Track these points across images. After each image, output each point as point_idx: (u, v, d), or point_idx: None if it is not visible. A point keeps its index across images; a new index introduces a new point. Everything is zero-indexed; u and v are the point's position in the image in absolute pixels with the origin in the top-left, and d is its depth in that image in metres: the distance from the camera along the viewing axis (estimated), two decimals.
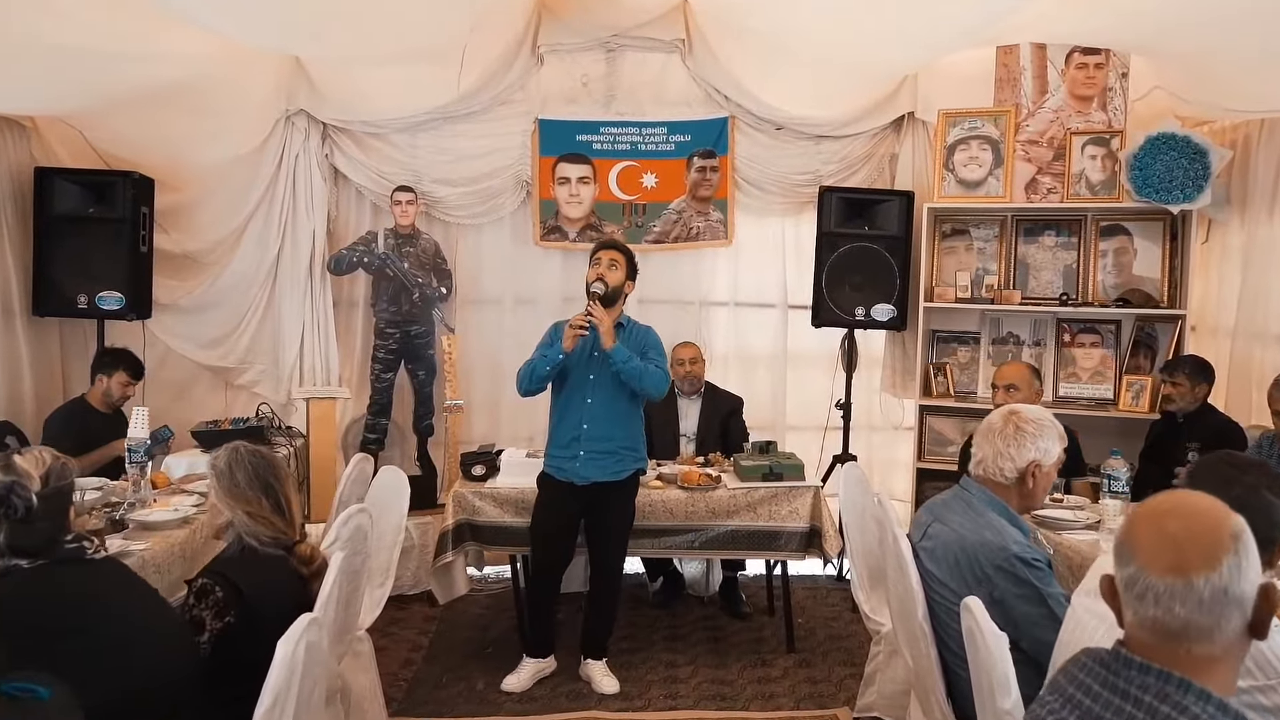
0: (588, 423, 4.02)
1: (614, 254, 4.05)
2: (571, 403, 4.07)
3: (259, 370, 5.73)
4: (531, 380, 4.02)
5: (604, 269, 4.00)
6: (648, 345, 4.11)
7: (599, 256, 4.06)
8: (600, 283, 3.96)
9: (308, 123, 5.57)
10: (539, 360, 4.02)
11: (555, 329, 4.14)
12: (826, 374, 5.87)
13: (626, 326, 4.12)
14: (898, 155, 5.80)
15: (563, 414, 4.10)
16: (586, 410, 4.03)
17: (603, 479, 4.03)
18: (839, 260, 5.43)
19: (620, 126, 5.77)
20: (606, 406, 4.03)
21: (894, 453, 5.99)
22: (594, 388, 4.03)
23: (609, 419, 4.04)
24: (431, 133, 5.70)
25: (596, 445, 4.02)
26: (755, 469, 4.51)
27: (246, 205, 5.55)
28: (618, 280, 4.02)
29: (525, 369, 4.04)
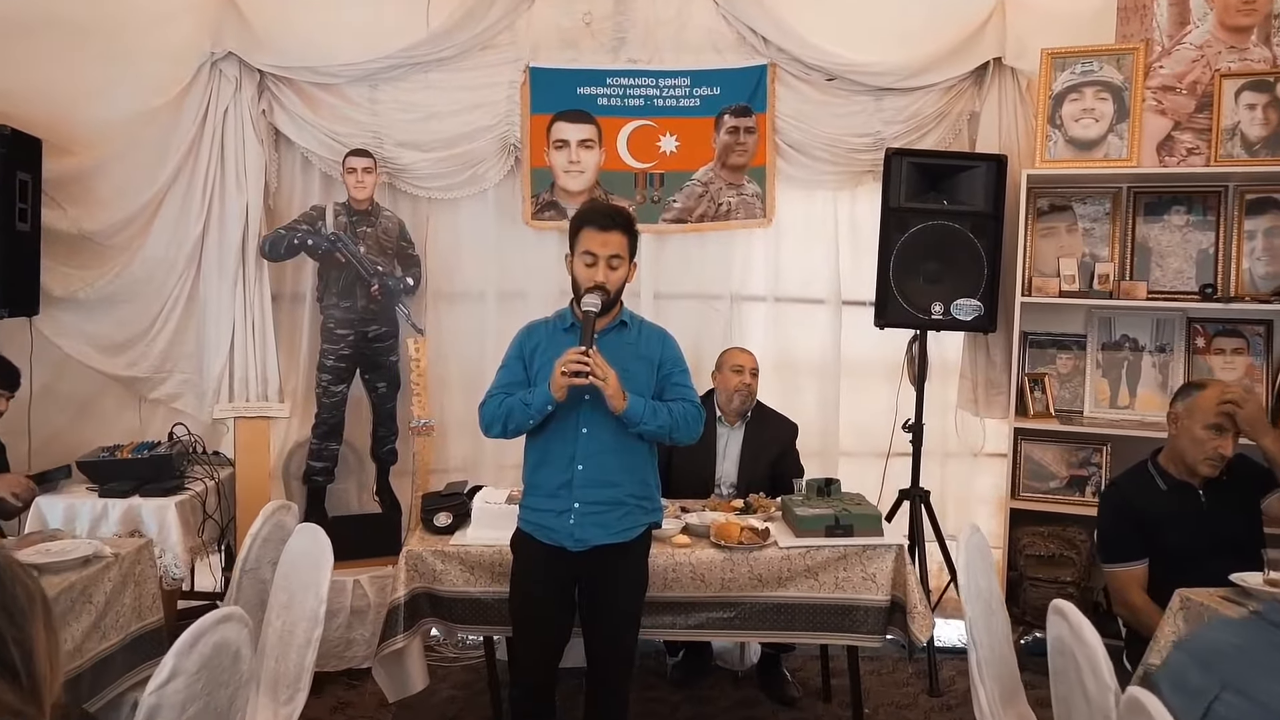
0: (583, 462, 2.85)
1: (614, 239, 2.83)
2: (560, 434, 2.87)
3: (180, 381, 4.60)
4: (507, 429, 2.90)
5: (602, 269, 2.82)
6: (666, 362, 2.97)
7: (589, 244, 2.83)
8: (597, 294, 2.80)
9: (239, 70, 4.44)
10: (517, 407, 2.85)
11: (527, 339, 3.00)
12: (888, 387, 4.69)
13: (631, 327, 2.98)
14: (979, 113, 4.63)
15: (547, 450, 2.90)
16: (581, 444, 2.85)
17: (605, 541, 2.87)
18: (911, 243, 4.24)
19: (632, 77, 4.63)
20: (609, 438, 2.86)
21: (973, 486, 4.82)
22: (591, 412, 2.85)
23: (613, 455, 2.87)
24: (396, 84, 4.58)
25: (596, 493, 2.85)
26: (816, 520, 3.34)
27: (161, 174, 4.43)
28: (619, 280, 2.89)
29: (497, 410, 2.89)
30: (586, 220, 2.85)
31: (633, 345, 2.92)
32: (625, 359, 2.85)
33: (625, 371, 2.81)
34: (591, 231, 2.82)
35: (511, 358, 2.98)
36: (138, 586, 2.95)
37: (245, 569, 2.95)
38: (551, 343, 2.90)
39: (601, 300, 2.79)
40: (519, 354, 2.97)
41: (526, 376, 2.93)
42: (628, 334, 2.95)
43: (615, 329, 2.92)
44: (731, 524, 3.32)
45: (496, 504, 3.38)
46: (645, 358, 2.92)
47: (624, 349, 2.89)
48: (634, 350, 2.91)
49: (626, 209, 2.94)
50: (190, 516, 3.94)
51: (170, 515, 3.76)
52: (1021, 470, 4.33)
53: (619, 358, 2.82)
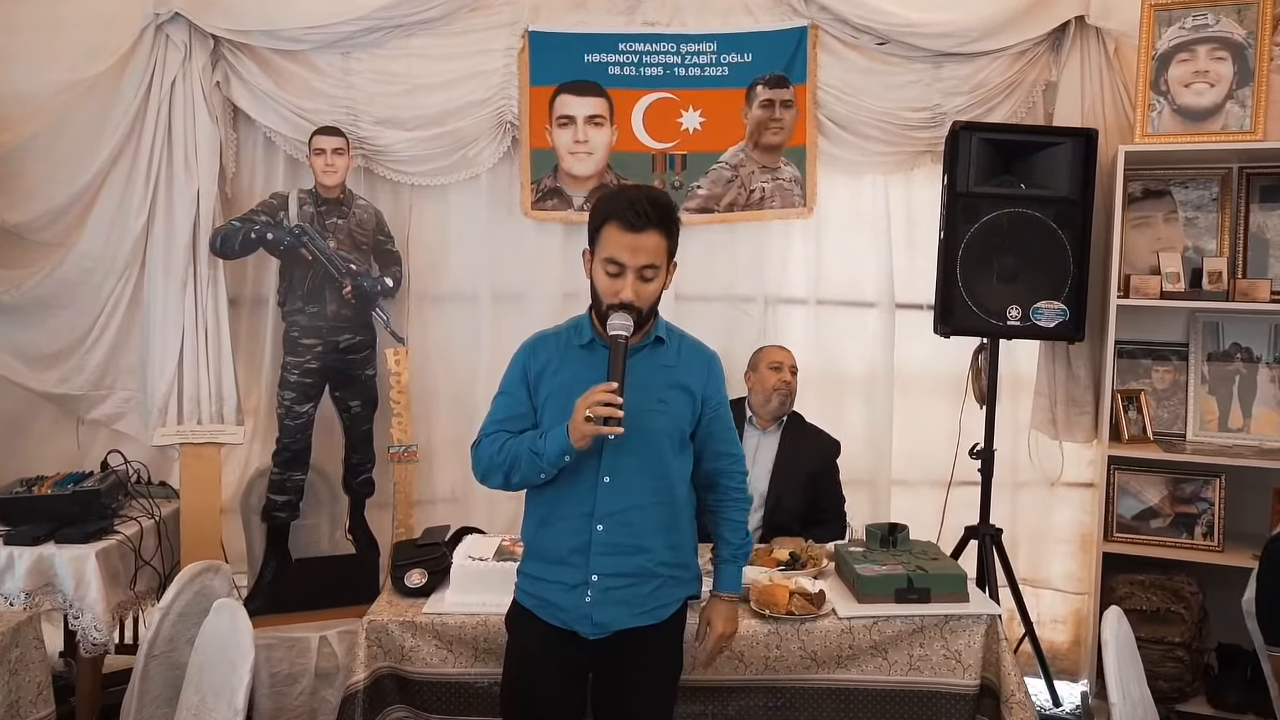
0: (605, 521, 2.18)
1: (648, 244, 2.10)
2: (574, 484, 2.20)
3: (121, 399, 3.96)
4: (510, 480, 2.22)
5: (630, 284, 2.10)
6: (712, 396, 2.31)
7: (614, 248, 2.10)
8: (626, 313, 2.10)
9: (188, 34, 3.80)
10: (525, 457, 2.16)
11: (532, 358, 2.29)
12: (949, 405, 4.00)
13: (669, 344, 2.29)
14: (1056, 83, 3.93)
15: (556, 505, 2.23)
16: (602, 497, 2.19)
17: (630, 624, 2.21)
18: (982, 235, 3.55)
19: (649, 42, 3.96)
20: (639, 490, 2.20)
21: (1049, 521, 4.12)
22: (616, 456, 2.17)
23: (644, 512, 2.20)
24: (372, 51, 3.93)
25: (620, 563, 2.19)
26: (883, 582, 2.65)
27: (97, 157, 3.79)
28: (654, 294, 2.17)
29: (496, 456, 2.21)
30: (612, 214, 2.11)
31: (670, 370, 2.26)
32: (659, 387, 2.22)
33: (659, 404, 2.20)
34: (618, 232, 2.09)
35: (512, 382, 2.30)
36: (13, 676, 2.29)
37: (153, 653, 2.28)
38: (565, 362, 2.24)
39: (634, 319, 2.12)
40: (522, 376, 2.28)
41: (532, 406, 2.26)
42: (664, 354, 2.27)
43: (648, 347, 2.25)
44: (778, 586, 2.63)
45: (482, 561, 2.70)
46: (684, 387, 2.25)
47: (658, 374, 2.23)
48: (670, 376, 2.25)
49: (664, 194, 2.20)
50: (119, 565, 3.27)
51: (90, 567, 3.09)
52: (1116, 505, 3.62)
53: (651, 385, 2.20)
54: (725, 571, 2.38)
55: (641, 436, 2.14)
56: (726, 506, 2.37)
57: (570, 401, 2.10)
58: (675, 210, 2.18)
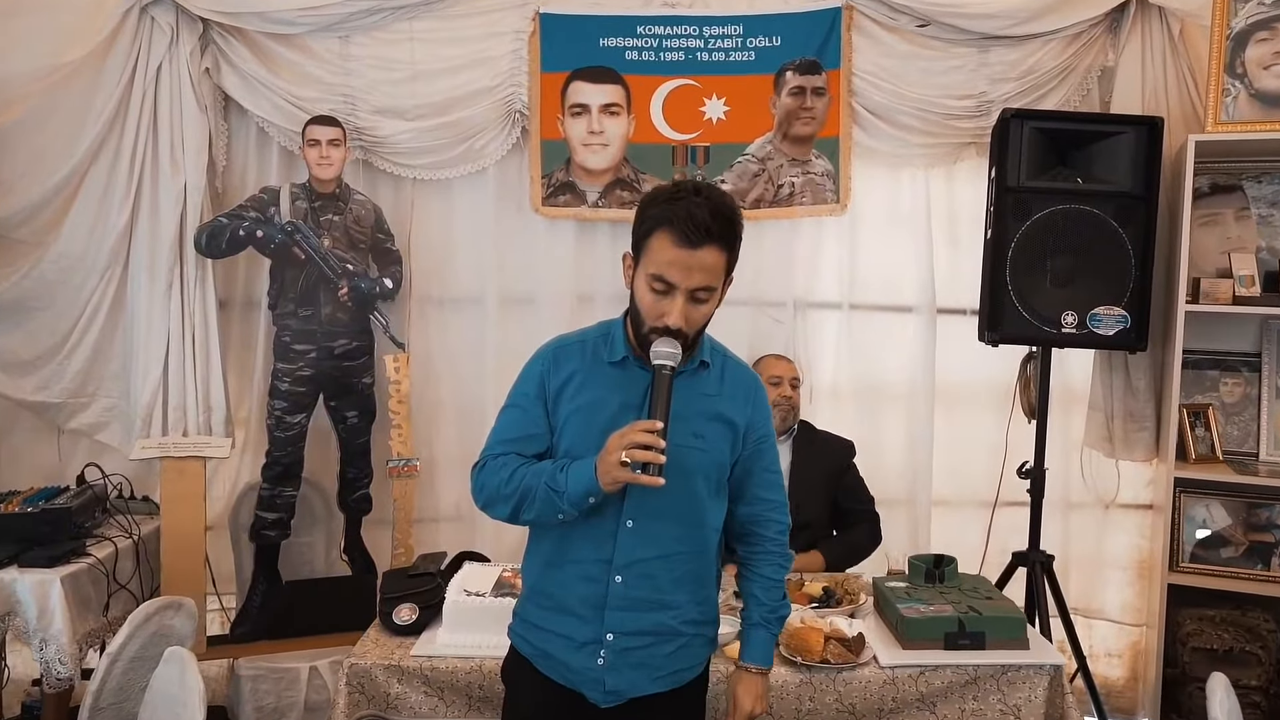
0: (625, 572, 1.88)
1: (706, 261, 1.76)
2: (591, 527, 1.89)
3: (103, 408, 3.71)
4: (519, 515, 1.90)
5: (679, 307, 1.77)
6: (756, 428, 2.00)
7: (666, 265, 1.77)
8: (673, 340, 1.78)
9: (175, 17, 3.55)
10: (541, 492, 1.84)
11: (553, 368, 1.95)
12: (994, 418, 3.69)
13: (712, 368, 1.97)
14: (1114, 68, 3.60)
15: (567, 548, 1.92)
16: (623, 544, 1.89)
17: (649, 690, 1.91)
18: (1035, 233, 3.24)
19: (670, 24, 3.67)
20: (665, 536, 1.90)
21: (1103, 546, 3.78)
22: (642, 499, 1.87)
23: (669, 563, 1.91)
24: (372, 35, 3.66)
25: (640, 620, 1.89)
26: (931, 625, 2.34)
27: (77, 149, 3.53)
28: (704, 319, 1.85)
29: (505, 484, 1.89)
30: (664, 223, 1.76)
31: (710, 399, 1.94)
32: (696, 418, 1.90)
33: (695, 440, 1.90)
34: (670, 245, 1.75)
35: (526, 396, 1.96)
36: None
37: (99, 704, 2.01)
38: (591, 379, 1.91)
39: (681, 347, 1.80)
40: (539, 390, 1.94)
41: (549, 426, 1.93)
42: (705, 380, 1.95)
43: (689, 373, 1.91)
44: (811, 630, 2.32)
45: (479, 596, 2.41)
46: (725, 419, 1.94)
47: (698, 402, 1.92)
48: (710, 406, 1.93)
49: (728, 200, 1.81)
50: (90, 590, 3.02)
51: (55, 593, 2.83)
52: (1182, 532, 3.28)
53: (688, 416, 1.88)
54: (756, 639, 2.04)
55: (674, 476, 1.79)
56: (762, 562, 2.04)
57: (594, 425, 1.83)
58: (739, 219, 1.81)
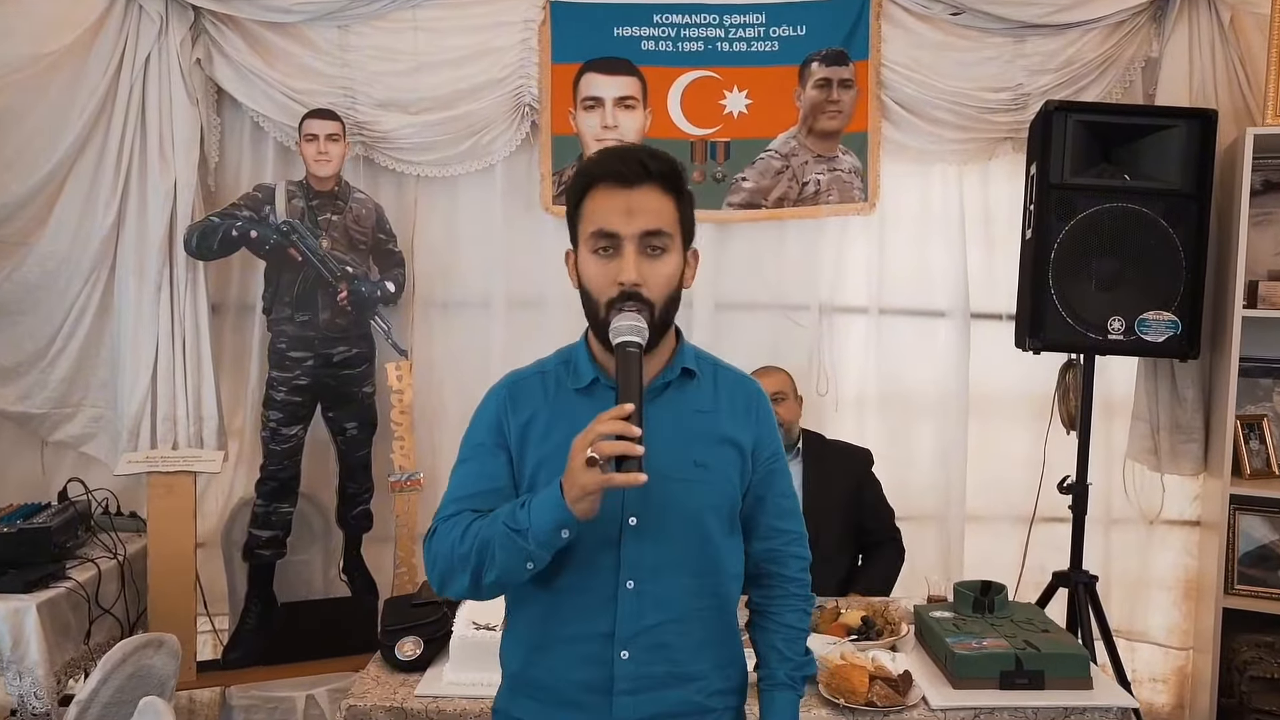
0: (632, 643, 1.54)
1: (648, 202, 1.49)
2: (583, 590, 1.55)
3: (89, 419, 3.53)
4: (481, 581, 1.50)
5: (632, 261, 1.48)
6: (764, 446, 1.65)
7: (603, 215, 1.49)
8: (637, 310, 1.48)
9: (165, 5, 3.37)
10: (499, 538, 1.46)
11: (509, 407, 1.60)
12: (1031, 430, 3.49)
13: (701, 378, 1.63)
14: (1158, 59, 3.42)
15: (556, 620, 1.57)
16: (626, 607, 1.54)
17: None
18: (1079, 234, 3.05)
19: (688, 13, 3.48)
20: (679, 591, 1.56)
21: (1148, 565, 3.58)
22: (641, 546, 1.54)
23: (686, 625, 1.57)
24: (373, 24, 3.48)
25: (658, 701, 1.56)
26: (984, 662, 2.14)
27: (60, 144, 3.35)
28: (668, 280, 1.53)
29: (458, 546, 1.50)
30: (594, 174, 1.52)
31: (708, 415, 1.60)
32: (697, 443, 1.58)
33: (697, 470, 1.56)
34: (605, 194, 1.50)
35: (482, 445, 1.60)
36: None
37: None
38: (560, 415, 1.55)
39: (647, 321, 1.47)
40: (497, 437, 1.59)
41: (513, 479, 1.58)
42: (696, 394, 1.61)
43: (674, 384, 1.59)
44: (854, 668, 2.11)
45: (489, 630, 2.20)
46: (729, 440, 1.60)
47: (693, 423, 1.58)
48: (709, 425, 1.59)
49: (667, 154, 1.55)
50: (70, 617, 2.82)
51: (30, 621, 2.63)
52: (1237, 551, 3.08)
53: (686, 439, 1.56)
54: (780, 703, 1.67)
55: (677, 518, 1.53)
56: (783, 607, 1.70)
57: None
58: (680, 171, 1.55)
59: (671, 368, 1.59)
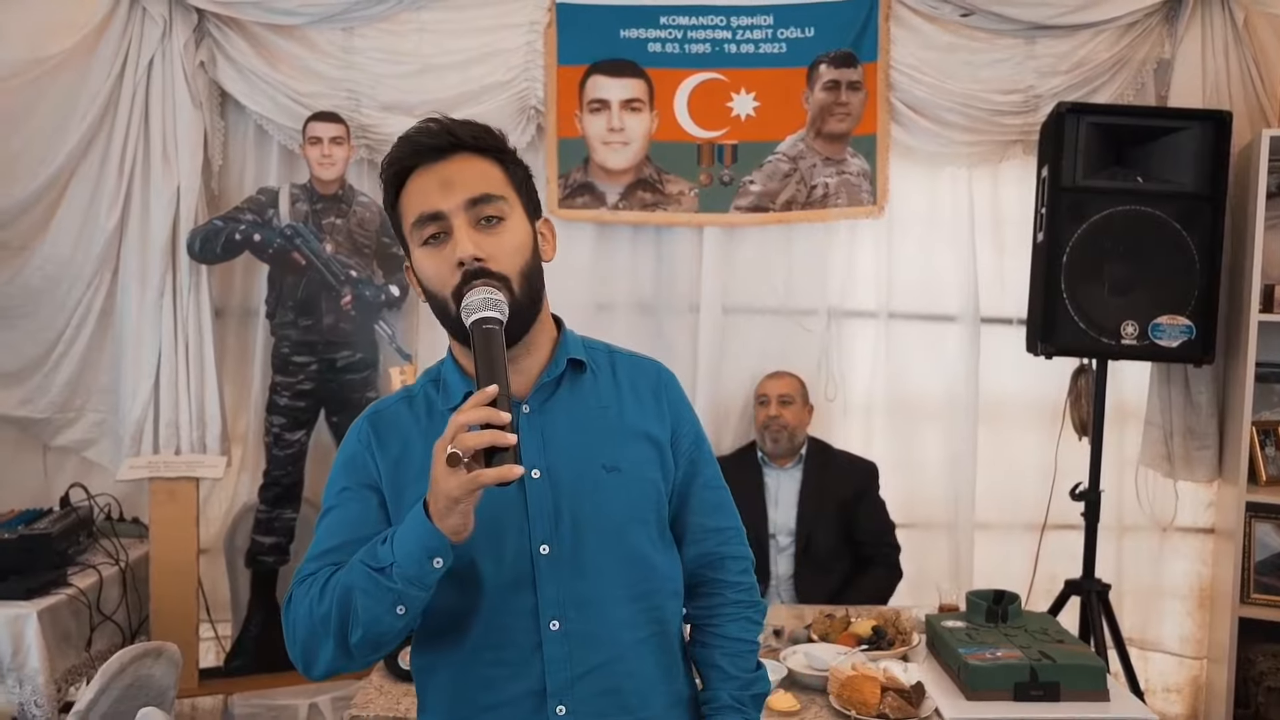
0: (568, 695, 1.31)
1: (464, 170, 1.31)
2: (500, 642, 1.32)
3: (92, 423, 3.51)
4: (347, 642, 1.23)
5: (465, 234, 1.28)
6: (683, 434, 1.45)
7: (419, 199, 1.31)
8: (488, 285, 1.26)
9: (168, 7, 3.34)
10: (359, 584, 1.21)
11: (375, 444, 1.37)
12: (1042, 436, 3.46)
13: (596, 372, 1.42)
14: (1171, 60, 3.37)
15: (475, 686, 1.34)
16: (554, 653, 1.32)
17: None
18: (1091, 237, 3.02)
19: (695, 14, 3.44)
20: (613, 623, 1.35)
21: (1161, 573, 3.53)
22: (560, 577, 1.32)
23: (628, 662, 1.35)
24: (378, 26, 3.44)
25: None
26: (999, 674, 2.10)
27: (63, 147, 3.33)
28: (516, 249, 1.32)
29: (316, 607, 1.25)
30: (399, 159, 1.33)
31: (609, 411, 1.39)
32: (605, 444, 1.37)
33: (610, 474, 1.36)
34: (418, 175, 1.32)
35: (346, 490, 1.36)
36: None
37: None
38: (432, 442, 1.21)
39: (506, 297, 1.28)
40: (363, 477, 1.36)
41: (387, 523, 1.32)
42: (590, 386, 1.41)
43: (565, 380, 1.39)
44: (865, 679, 2.07)
45: None
46: (642, 434, 1.39)
47: (595, 421, 1.38)
48: (615, 421, 1.38)
49: (481, 123, 1.38)
50: (71, 624, 2.80)
51: (30, 629, 2.61)
52: (1253, 558, 3.04)
53: (590, 441, 1.37)
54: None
55: (595, 536, 1.33)
56: (723, 618, 1.47)
57: None
58: (502, 136, 1.38)
59: (556, 361, 1.38)
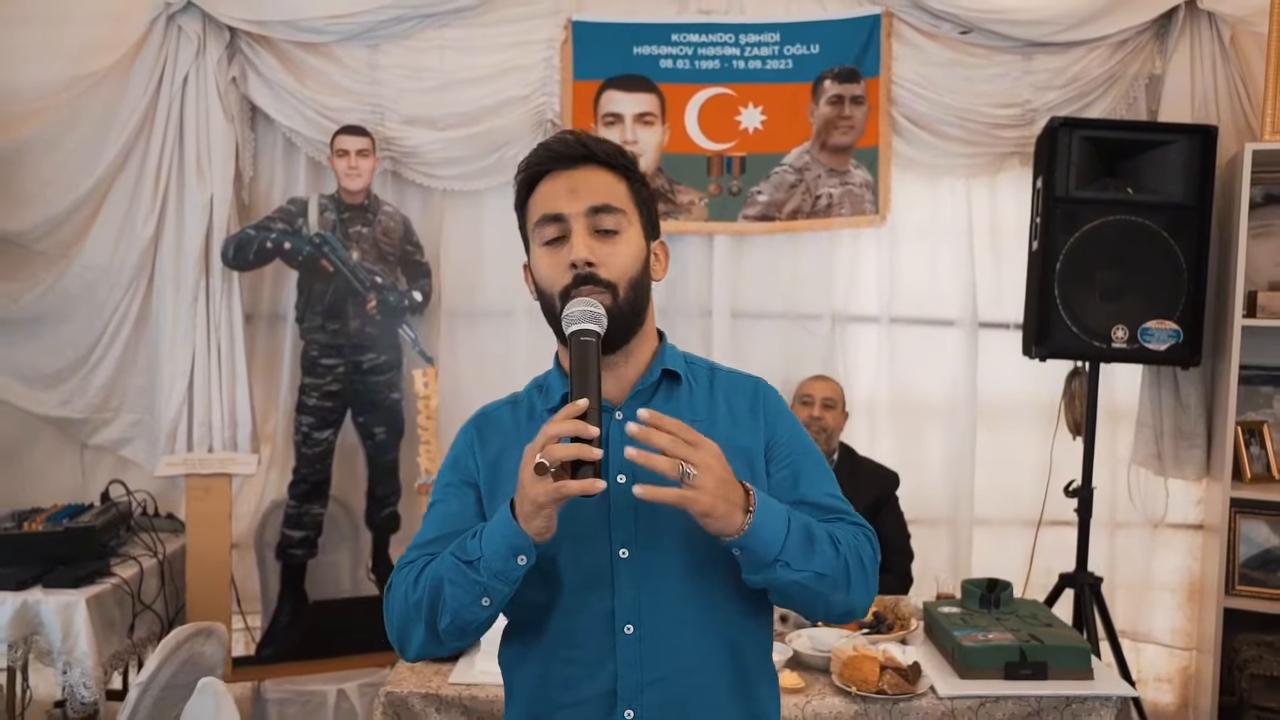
0: (638, 701, 1.33)
1: (592, 180, 1.37)
2: (576, 642, 1.36)
3: (128, 423, 3.65)
4: (436, 627, 1.32)
5: (582, 240, 1.34)
6: (780, 443, 1.44)
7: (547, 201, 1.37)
8: (592, 294, 1.32)
9: (202, 26, 3.49)
10: (448, 575, 1.29)
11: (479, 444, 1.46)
12: (1037, 436, 3.61)
13: (693, 385, 1.45)
14: (1161, 76, 3.51)
15: (552, 684, 1.39)
16: (627, 657, 1.34)
17: None
18: (1084, 246, 3.16)
19: (705, 32, 3.58)
20: (687, 634, 1.35)
21: (1152, 567, 3.66)
22: (638, 583, 1.35)
23: (700, 674, 1.36)
24: (402, 43, 3.59)
25: None
26: (990, 654, 2.24)
27: (102, 160, 3.47)
28: (629, 263, 1.37)
29: (411, 594, 1.33)
30: (534, 164, 1.40)
31: (702, 424, 1.36)
32: None
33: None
34: (548, 179, 1.38)
35: (449, 485, 1.45)
36: None
37: None
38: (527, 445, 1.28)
39: (609, 304, 1.32)
40: (464, 475, 1.45)
41: (483, 519, 1.38)
42: (685, 398, 1.43)
43: (660, 389, 1.42)
44: (865, 658, 2.22)
45: None
46: (730, 445, 1.31)
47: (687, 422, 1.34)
48: (705, 432, 1.27)
49: (608, 140, 1.45)
50: (115, 611, 2.94)
51: (79, 615, 2.75)
52: (1238, 553, 3.18)
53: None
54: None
55: (674, 546, 1.34)
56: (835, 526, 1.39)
57: None
58: (633, 158, 1.43)
59: (651, 371, 1.42)
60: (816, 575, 1.28)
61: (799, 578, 1.27)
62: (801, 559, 1.27)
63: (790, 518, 1.28)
